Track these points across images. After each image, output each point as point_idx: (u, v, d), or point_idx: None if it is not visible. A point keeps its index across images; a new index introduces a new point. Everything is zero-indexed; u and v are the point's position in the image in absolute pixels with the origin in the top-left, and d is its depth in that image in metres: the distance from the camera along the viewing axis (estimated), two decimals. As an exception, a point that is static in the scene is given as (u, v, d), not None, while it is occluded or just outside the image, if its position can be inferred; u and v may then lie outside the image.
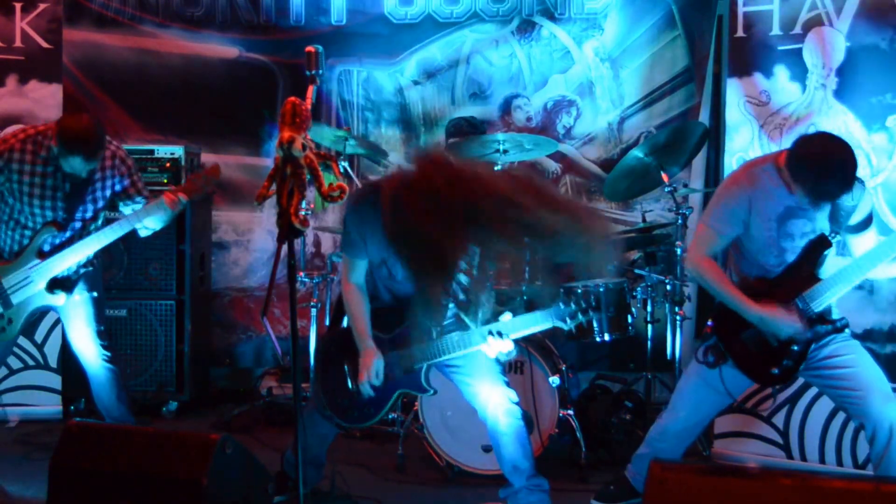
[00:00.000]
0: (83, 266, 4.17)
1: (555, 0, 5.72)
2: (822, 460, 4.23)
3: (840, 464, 4.19)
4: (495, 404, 3.51)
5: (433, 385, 3.56)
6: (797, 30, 4.30)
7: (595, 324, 4.33)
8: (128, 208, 4.18)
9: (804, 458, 4.27)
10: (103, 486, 2.90)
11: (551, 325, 3.40)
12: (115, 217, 4.18)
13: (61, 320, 4.26)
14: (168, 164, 5.30)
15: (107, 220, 4.22)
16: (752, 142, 4.44)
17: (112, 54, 5.94)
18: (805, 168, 3.27)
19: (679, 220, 4.72)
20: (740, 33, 4.46)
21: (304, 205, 2.83)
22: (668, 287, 4.69)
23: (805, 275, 3.39)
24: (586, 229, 2.87)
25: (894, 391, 3.41)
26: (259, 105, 5.94)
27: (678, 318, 4.73)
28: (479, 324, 3.42)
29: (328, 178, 2.50)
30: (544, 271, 3.35)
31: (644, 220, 5.00)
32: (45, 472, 2.96)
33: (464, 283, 3.29)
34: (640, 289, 4.73)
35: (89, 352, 4.22)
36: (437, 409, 4.21)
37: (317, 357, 4.42)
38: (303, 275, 5.06)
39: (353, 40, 5.88)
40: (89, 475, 2.93)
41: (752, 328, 3.43)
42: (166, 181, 5.24)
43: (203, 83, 5.96)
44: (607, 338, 4.38)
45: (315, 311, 5.11)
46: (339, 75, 5.93)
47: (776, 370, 3.42)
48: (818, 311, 3.35)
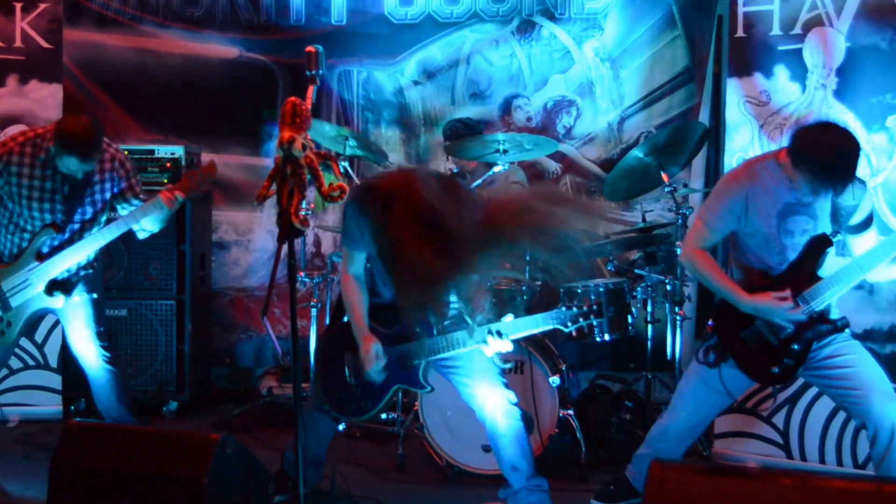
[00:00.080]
0: (83, 268, 4.17)
1: (555, 0, 5.72)
2: (823, 460, 4.23)
3: (840, 464, 4.20)
4: (494, 405, 3.51)
5: (431, 383, 3.57)
6: (797, 30, 4.30)
7: (595, 324, 4.34)
8: (124, 209, 4.18)
9: (804, 458, 4.28)
10: (103, 486, 2.90)
11: (552, 328, 3.41)
12: (114, 218, 4.18)
13: (61, 322, 4.26)
14: (168, 164, 5.30)
15: (107, 220, 4.23)
16: (752, 142, 4.44)
17: (112, 54, 5.94)
18: (806, 155, 3.27)
19: (679, 220, 4.72)
20: (740, 33, 4.46)
21: (304, 205, 2.83)
22: (668, 287, 4.69)
23: (806, 273, 3.39)
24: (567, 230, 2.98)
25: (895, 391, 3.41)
26: (259, 105, 5.94)
27: (678, 318, 4.73)
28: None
29: (328, 178, 2.50)
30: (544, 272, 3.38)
31: (644, 220, 4.99)
32: (45, 472, 2.96)
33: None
34: (640, 289, 4.73)
35: (89, 353, 4.22)
36: (438, 409, 4.21)
37: (316, 352, 4.43)
38: (303, 275, 5.06)
39: (353, 40, 5.88)
40: (89, 475, 2.93)
41: (752, 327, 3.43)
42: (166, 181, 5.22)
43: (203, 83, 5.96)
44: (607, 338, 4.37)
45: (315, 310, 5.11)
46: (339, 75, 5.93)
47: (776, 369, 3.42)
48: (819, 310, 3.36)
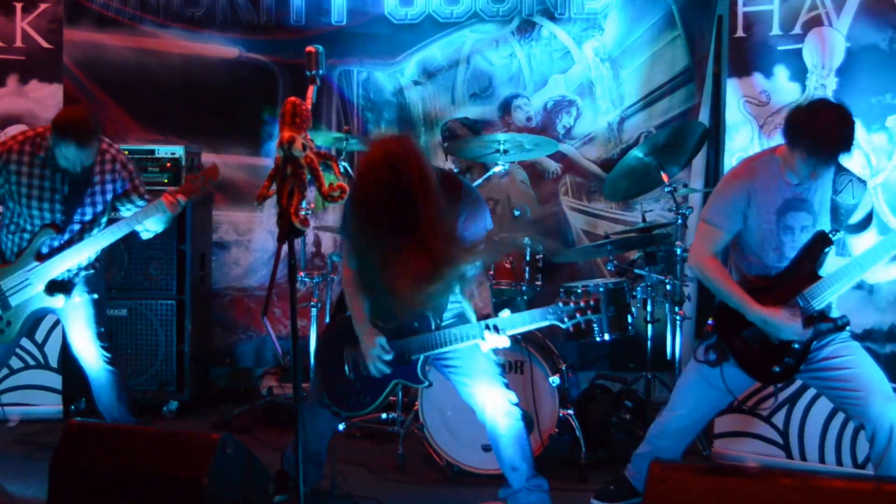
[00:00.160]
0: (84, 268, 4.17)
1: (555, 0, 5.72)
2: (822, 460, 4.24)
3: (840, 463, 4.20)
4: (494, 406, 3.51)
5: (431, 382, 3.57)
6: (797, 30, 4.31)
7: (595, 324, 4.34)
8: (128, 210, 4.18)
9: (804, 457, 4.28)
10: (104, 486, 2.90)
11: (549, 324, 3.40)
12: (115, 218, 4.18)
13: (61, 322, 4.26)
14: (168, 164, 5.31)
15: (109, 220, 4.23)
16: (751, 142, 4.44)
17: (112, 54, 5.94)
18: (801, 129, 3.27)
19: (679, 220, 4.71)
20: (740, 33, 4.46)
21: (304, 205, 2.83)
22: (668, 287, 4.69)
23: (806, 273, 3.39)
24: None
25: (894, 391, 3.41)
26: (259, 105, 5.94)
27: (678, 317, 4.73)
28: (441, 318, 3.47)
29: (328, 178, 2.50)
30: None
31: (644, 220, 5.00)
32: (45, 472, 2.96)
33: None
34: (640, 288, 4.73)
35: (89, 354, 4.22)
36: (438, 409, 4.21)
37: (317, 345, 4.42)
38: (303, 274, 5.06)
39: (353, 40, 5.88)
40: (90, 475, 2.93)
41: (753, 326, 3.43)
42: (167, 181, 5.24)
43: (203, 83, 5.96)
44: (607, 337, 4.39)
45: (315, 310, 5.11)
46: (339, 75, 5.94)
47: (777, 368, 3.42)
48: (819, 309, 3.36)
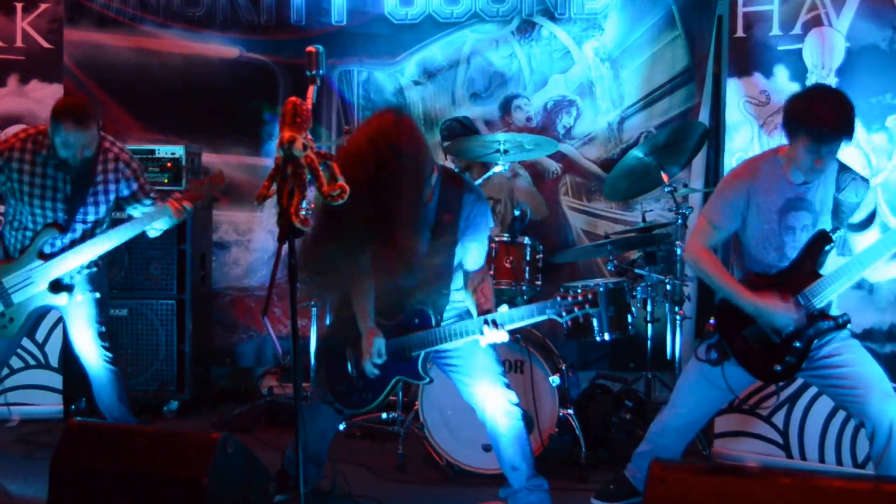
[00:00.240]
0: (87, 266, 4.17)
1: (555, 0, 5.72)
2: (822, 460, 4.24)
3: (840, 463, 4.20)
4: (494, 405, 3.51)
5: (431, 376, 3.57)
6: (797, 30, 4.31)
7: (595, 323, 4.35)
8: (136, 210, 4.18)
9: (804, 457, 4.28)
10: (104, 486, 2.90)
11: (547, 318, 3.40)
12: (119, 219, 4.18)
13: (64, 320, 4.27)
14: (169, 164, 5.31)
15: (112, 220, 4.24)
16: (752, 142, 4.44)
17: (113, 54, 5.94)
18: (800, 112, 3.27)
19: (679, 220, 4.72)
20: (740, 33, 4.46)
21: (304, 204, 2.83)
22: (668, 287, 4.70)
23: (806, 271, 3.39)
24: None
25: (895, 390, 3.42)
26: (260, 105, 5.94)
27: (678, 317, 4.74)
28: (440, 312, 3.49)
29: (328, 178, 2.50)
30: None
31: (644, 220, 5.00)
32: (46, 472, 2.96)
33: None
34: (640, 288, 4.74)
35: (90, 352, 4.22)
36: (438, 409, 4.22)
37: (320, 344, 4.42)
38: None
39: (353, 40, 5.88)
40: (90, 474, 2.93)
41: (754, 325, 3.43)
42: (167, 181, 5.25)
43: (204, 83, 5.97)
44: (607, 337, 4.39)
45: (315, 310, 5.11)
46: (339, 75, 5.94)
47: (779, 367, 3.42)
48: (820, 308, 3.37)
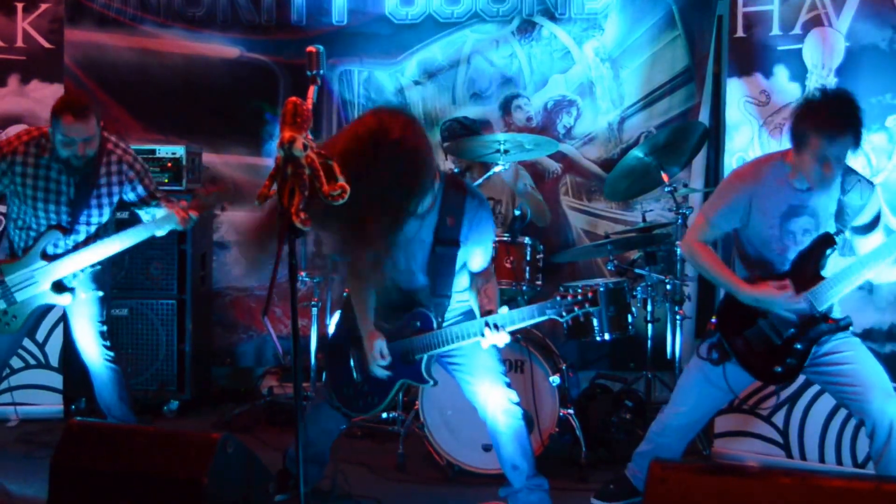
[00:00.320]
0: (91, 265, 4.18)
1: (555, 0, 5.73)
2: (822, 459, 4.24)
3: (840, 463, 4.20)
4: (495, 404, 3.51)
5: (435, 379, 3.56)
6: (797, 30, 4.31)
7: (595, 323, 4.35)
8: (146, 214, 4.20)
9: (804, 457, 4.28)
10: (104, 485, 2.90)
11: (547, 318, 3.40)
12: (122, 218, 4.19)
13: (67, 317, 4.28)
14: (169, 164, 5.31)
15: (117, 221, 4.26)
16: (752, 142, 4.45)
17: (113, 54, 5.94)
18: (807, 117, 3.25)
19: (679, 220, 4.72)
20: (740, 33, 4.46)
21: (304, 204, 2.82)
22: (668, 286, 4.70)
23: (809, 273, 3.39)
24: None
25: (895, 389, 3.42)
26: (260, 105, 5.94)
27: (678, 317, 4.74)
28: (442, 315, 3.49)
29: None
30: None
31: (644, 220, 5.00)
32: (46, 471, 2.96)
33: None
34: (640, 288, 4.74)
35: (92, 351, 4.24)
36: (438, 409, 4.22)
37: (326, 349, 4.42)
38: (303, 274, 5.07)
39: (354, 40, 5.88)
40: (90, 474, 2.93)
41: (755, 326, 3.43)
42: (167, 181, 5.25)
43: (204, 83, 5.97)
44: (607, 337, 4.40)
45: (316, 310, 5.12)
46: (340, 75, 5.94)
47: (779, 368, 3.42)
48: (822, 310, 3.36)
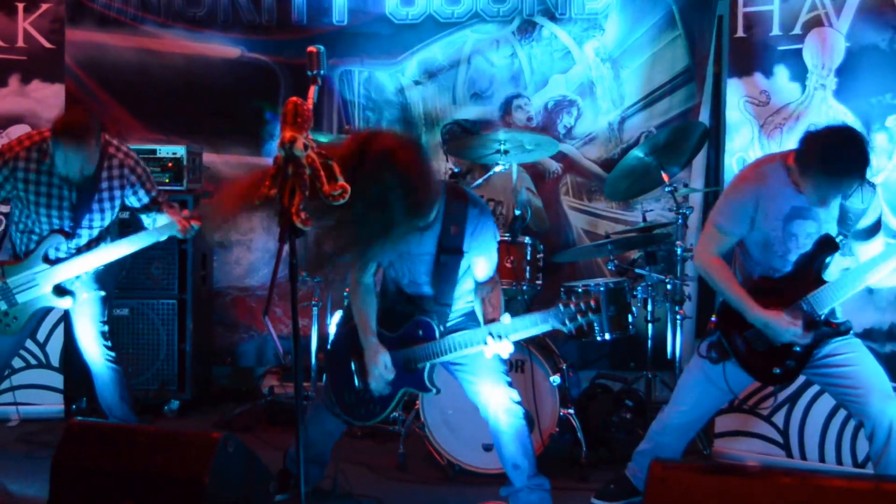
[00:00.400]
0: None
1: (555, 0, 5.73)
2: (822, 459, 4.24)
3: (840, 463, 4.20)
4: (497, 403, 3.52)
5: (437, 384, 3.57)
6: (797, 30, 4.31)
7: (596, 323, 4.35)
8: (148, 220, 4.21)
9: (804, 456, 4.28)
10: (105, 485, 2.90)
11: (551, 328, 3.41)
12: (124, 218, 4.19)
13: (69, 316, 4.28)
14: (170, 164, 5.32)
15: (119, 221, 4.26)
16: (752, 142, 4.45)
17: (114, 54, 5.95)
18: (814, 158, 3.25)
19: (679, 220, 4.72)
20: (740, 33, 4.46)
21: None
22: (669, 286, 4.70)
23: (810, 277, 3.39)
24: None
25: (894, 390, 3.42)
26: (261, 105, 5.95)
27: (678, 317, 4.74)
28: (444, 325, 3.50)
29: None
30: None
31: (644, 220, 5.00)
32: (46, 471, 2.96)
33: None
34: (640, 288, 4.74)
35: (93, 351, 4.24)
36: (439, 408, 4.22)
37: (327, 355, 4.43)
38: (304, 274, 5.07)
39: (354, 40, 5.89)
40: (91, 474, 2.93)
41: (755, 326, 3.43)
42: (168, 181, 5.26)
43: (205, 83, 5.97)
44: (608, 337, 4.39)
45: (316, 310, 5.12)
46: (340, 75, 5.94)
47: (778, 370, 3.42)
48: (822, 314, 3.36)
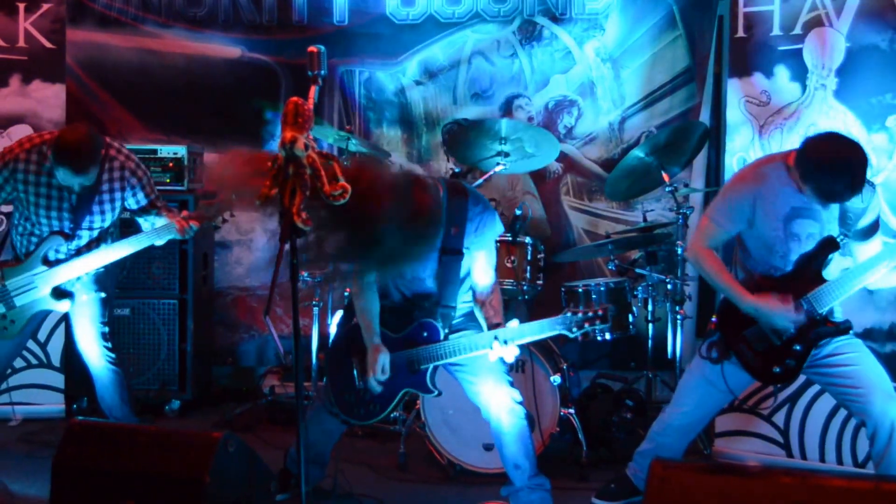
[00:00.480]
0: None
1: (556, 0, 5.73)
2: (823, 459, 4.24)
3: (840, 462, 4.20)
4: (498, 403, 3.52)
5: (438, 386, 3.58)
6: (797, 30, 4.31)
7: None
8: (146, 222, 4.20)
9: (804, 456, 4.28)
10: (105, 485, 2.90)
11: (557, 333, 3.42)
12: (125, 219, 4.19)
13: (69, 317, 4.28)
14: (171, 164, 5.32)
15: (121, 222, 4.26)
16: (752, 142, 4.45)
17: (115, 54, 5.95)
18: (814, 169, 3.27)
19: (680, 220, 4.72)
20: (741, 33, 4.46)
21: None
22: (669, 286, 4.70)
23: (810, 276, 3.39)
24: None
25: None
26: (261, 105, 5.95)
27: (679, 317, 4.74)
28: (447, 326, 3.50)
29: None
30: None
31: (645, 220, 5.01)
32: (47, 471, 2.96)
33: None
34: (641, 288, 4.74)
35: (93, 352, 4.24)
36: (439, 408, 4.22)
37: (327, 354, 4.43)
38: (305, 274, 5.07)
39: (355, 40, 5.89)
40: (91, 474, 2.93)
41: (755, 326, 3.43)
42: (169, 181, 5.26)
43: (206, 83, 5.97)
44: (608, 337, 4.40)
45: (317, 309, 5.12)
46: (341, 75, 5.94)
47: (778, 369, 3.43)
48: (822, 313, 3.36)
